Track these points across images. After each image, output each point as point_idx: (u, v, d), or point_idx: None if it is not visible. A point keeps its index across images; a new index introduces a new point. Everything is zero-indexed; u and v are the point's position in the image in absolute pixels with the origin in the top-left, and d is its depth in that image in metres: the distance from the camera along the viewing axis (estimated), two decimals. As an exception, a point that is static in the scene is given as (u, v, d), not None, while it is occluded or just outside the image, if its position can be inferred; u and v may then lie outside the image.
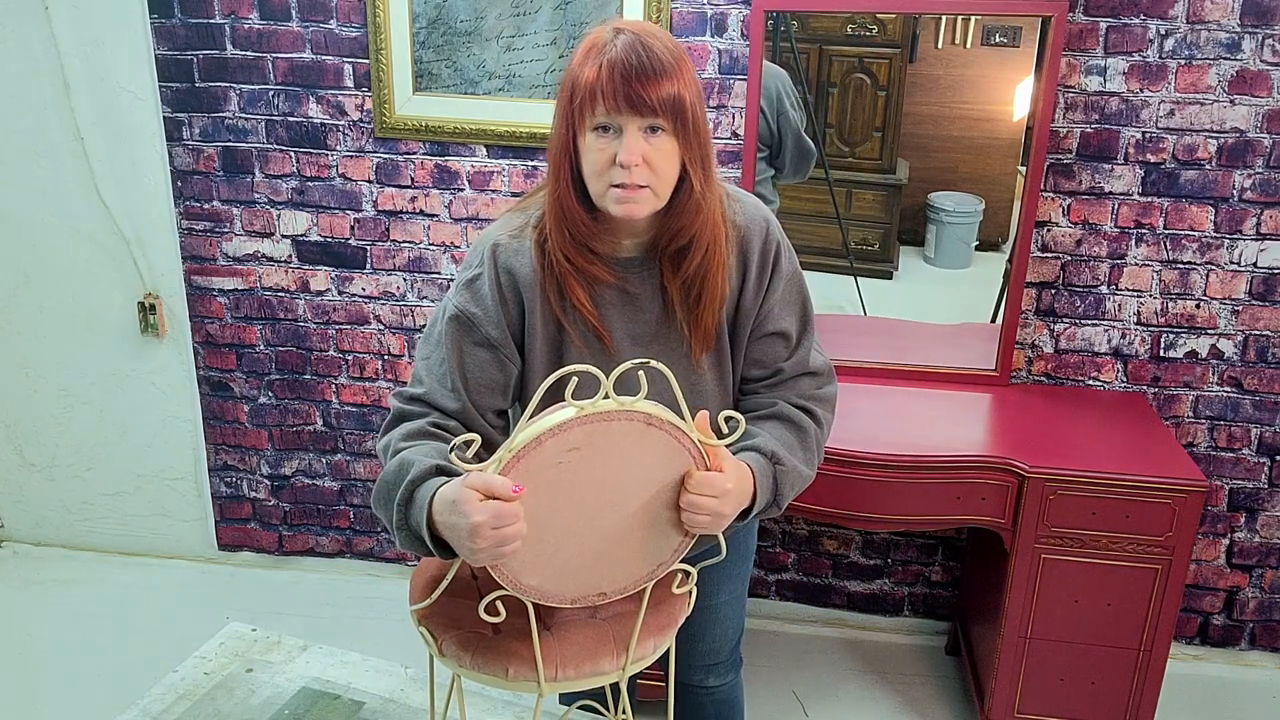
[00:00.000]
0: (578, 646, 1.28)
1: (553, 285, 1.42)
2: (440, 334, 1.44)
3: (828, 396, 1.56)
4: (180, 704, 1.64)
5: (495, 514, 1.13)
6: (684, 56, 1.35)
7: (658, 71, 1.30)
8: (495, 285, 1.42)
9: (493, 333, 1.42)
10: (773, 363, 1.51)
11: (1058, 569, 2.26)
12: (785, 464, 1.42)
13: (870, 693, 2.73)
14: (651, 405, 1.17)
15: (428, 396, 1.43)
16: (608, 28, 1.35)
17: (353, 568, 3.17)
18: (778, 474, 1.41)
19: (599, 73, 1.29)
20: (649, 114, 1.30)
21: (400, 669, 1.75)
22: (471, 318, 1.43)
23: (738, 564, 1.76)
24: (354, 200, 2.80)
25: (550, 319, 1.44)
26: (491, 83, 2.62)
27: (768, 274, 1.48)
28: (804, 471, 1.46)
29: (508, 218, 1.50)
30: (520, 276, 1.42)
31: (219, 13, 2.67)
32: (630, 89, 1.29)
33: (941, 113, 2.56)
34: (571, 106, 1.33)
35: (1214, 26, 2.37)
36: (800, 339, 1.53)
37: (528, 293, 1.42)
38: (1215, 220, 2.50)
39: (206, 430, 3.09)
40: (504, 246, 1.44)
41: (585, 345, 1.44)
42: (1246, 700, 2.72)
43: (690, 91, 1.34)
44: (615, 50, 1.30)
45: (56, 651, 2.79)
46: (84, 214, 2.89)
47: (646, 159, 1.32)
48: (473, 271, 1.45)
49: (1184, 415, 2.66)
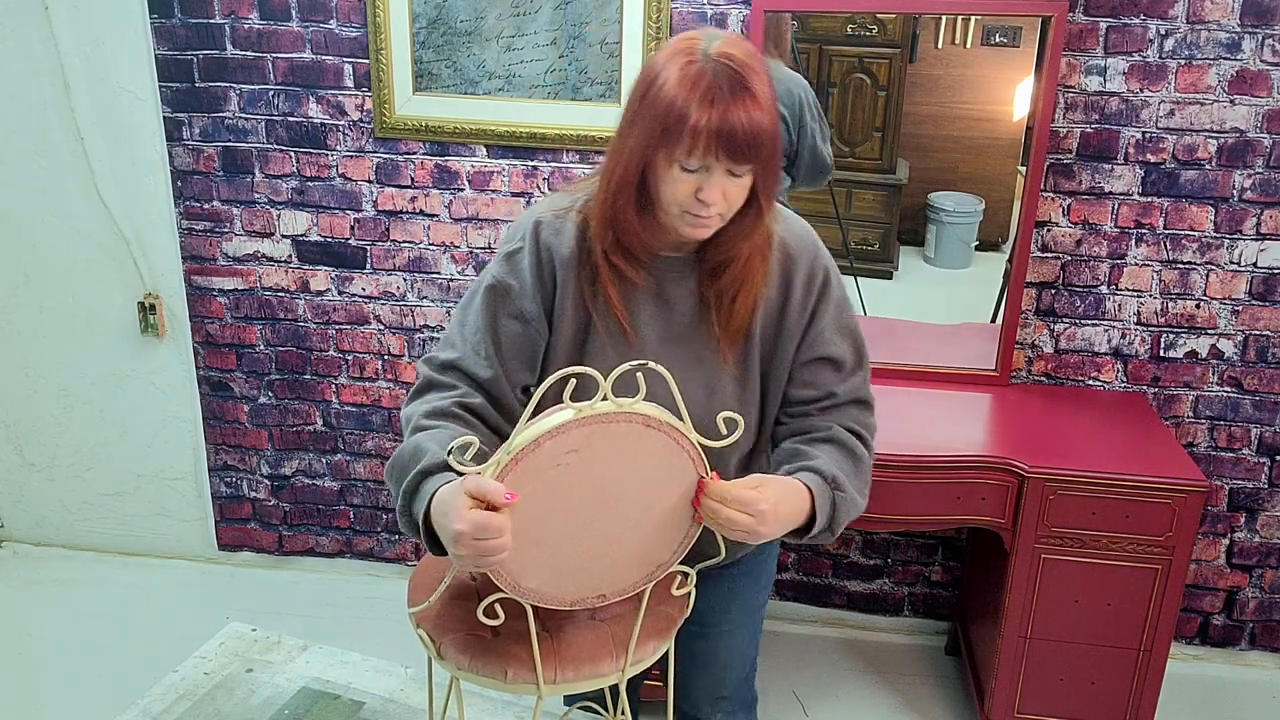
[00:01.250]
0: (577, 648, 1.28)
1: (587, 276, 1.41)
2: (478, 303, 1.45)
3: (873, 427, 1.53)
4: (180, 704, 1.64)
5: (476, 525, 1.13)
6: (774, 94, 1.32)
7: (760, 125, 1.27)
8: (534, 260, 1.42)
9: (528, 306, 1.42)
10: (825, 386, 1.49)
11: (1058, 569, 2.26)
12: (845, 490, 1.40)
13: (870, 693, 2.73)
14: (650, 407, 1.17)
15: (460, 363, 1.43)
16: (702, 46, 1.29)
17: (353, 568, 3.17)
18: (836, 500, 1.38)
19: (706, 121, 1.25)
20: (744, 162, 1.29)
21: (400, 669, 1.75)
22: (509, 289, 1.43)
23: (747, 589, 1.72)
24: (354, 200, 2.80)
25: (580, 305, 1.43)
26: (491, 83, 2.62)
27: (813, 297, 1.46)
28: (858, 501, 1.44)
29: (555, 197, 1.50)
30: (558, 256, 1.42)
31: (219, 13, 2.67)
32: (735, 145, 1.26)
33: (941, 113, 2.56)
34: (661, 132, 1.28)
35: (1214, 26, 2.37)
36: (855, 366, 1.51)
37: (562, 272, 1.42)
38: (1215, 220, 2.50)
39: (206, 430, 3.09)
40: (547, 224, 1.44)
41: (609, 339, 1.43)
42: (1246, 700, 2.72)
43: (777, 134, 1.32)
44: (723, 97, 1.25)
45: (56, 651, 2.79)
46: (84, 214, 2.89)
47: (725, 193, 1.31)
48: (514, 245, 1.45)
49: (1184, 415, 2.66)
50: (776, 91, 1.33)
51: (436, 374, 1.44)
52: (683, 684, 1.77)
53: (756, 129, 1.26)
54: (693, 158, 1.27)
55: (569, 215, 1.44)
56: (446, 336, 1.47)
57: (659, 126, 1.27)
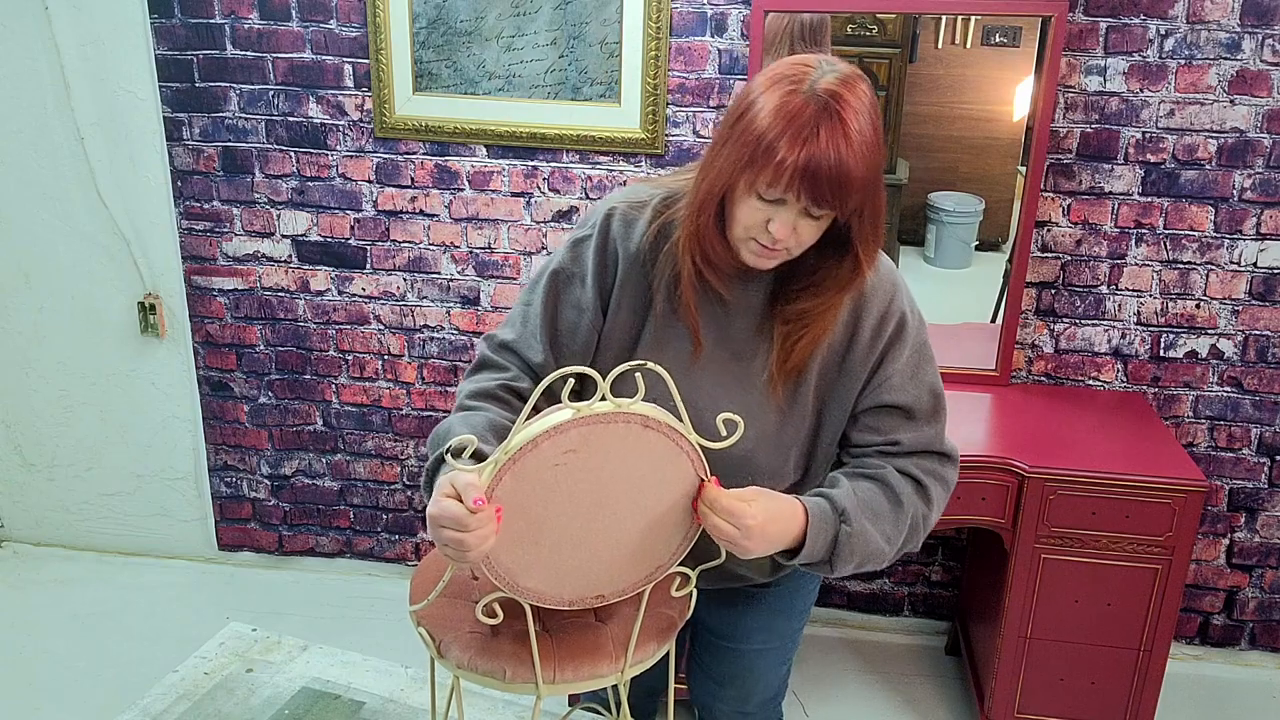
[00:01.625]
0: (577, 648, 1.28)
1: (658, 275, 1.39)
2: (541, 287, 1.45)
3: (948, 479, 1.46)
4: (180, 704, 1.64)
5: (442, 512, 1.13)
6: (878, 142, 1.25)
7: (848, 172, 1.21)
8: (599, 250, 1.41)
9: (587, 297, 1.42)
10: (889, 432, 1.43)
11: (1058, 569, 2.26)
12: (853, 526, 1.34)
13: (870, 693, 2.73)
14: (649, 407, 1.17)
15: (516, 344, 1.44)
16: (812, 77, 1.23)
17: (353, 568, 3.17)
18: (841, 534, 1.33)
19: (793, 159, 1.20)
20: (823, 206, 1.24)
21: (400, 669, 1.75)
22: (571, 277, 1.43)
23: (783, 612, 1.67)
24: (354, 200, 2.80)
25: (639, 302, 1.41)
26: (491, 83, 2.62)
27: (883, 341, 1.40)
28: (878, 544, 1.37)
29: (635, 188, 1.46)
30: (624, 249, 1.40)
31: (219, 13, 2.67)
32: (817, 187, 1.21)
33: (941, 113, 2.56)
34: (747, 160, 1.23)
35: (1214, 26, 2.37)
36: (929, 417, 1.44)
37: (625, 266, 1.40)
38: (1215, 220, 2.50)
39: (206, 430, 3.09)
40: (619, 215, 1.42)
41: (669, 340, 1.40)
42: (1246, 700, 2.72)
43: (870, 182, 1.25)
44: (815, 137, 1.20)
45: (56, 651, 2.79)
46: (84, 214, 2.89)
47: (796, 230, 1.28)
48: (583, 232, 1.44)
49: (1184, 415, 2.66)
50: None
51: (492, 353, 1.45)
52: (709, 698, 1.77)
53: (844, 174, 1.21)
54: (772, 190, 1.23)
55: (644, 210, 1.41)
56: (510, 316, 1.48)
57: (746, 154, 1.23)
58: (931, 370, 1.45)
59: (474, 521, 1.12)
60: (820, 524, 1.32)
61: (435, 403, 2.95)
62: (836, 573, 1.37)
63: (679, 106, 2.59)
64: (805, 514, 1.32)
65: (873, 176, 1.25)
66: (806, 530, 1.31)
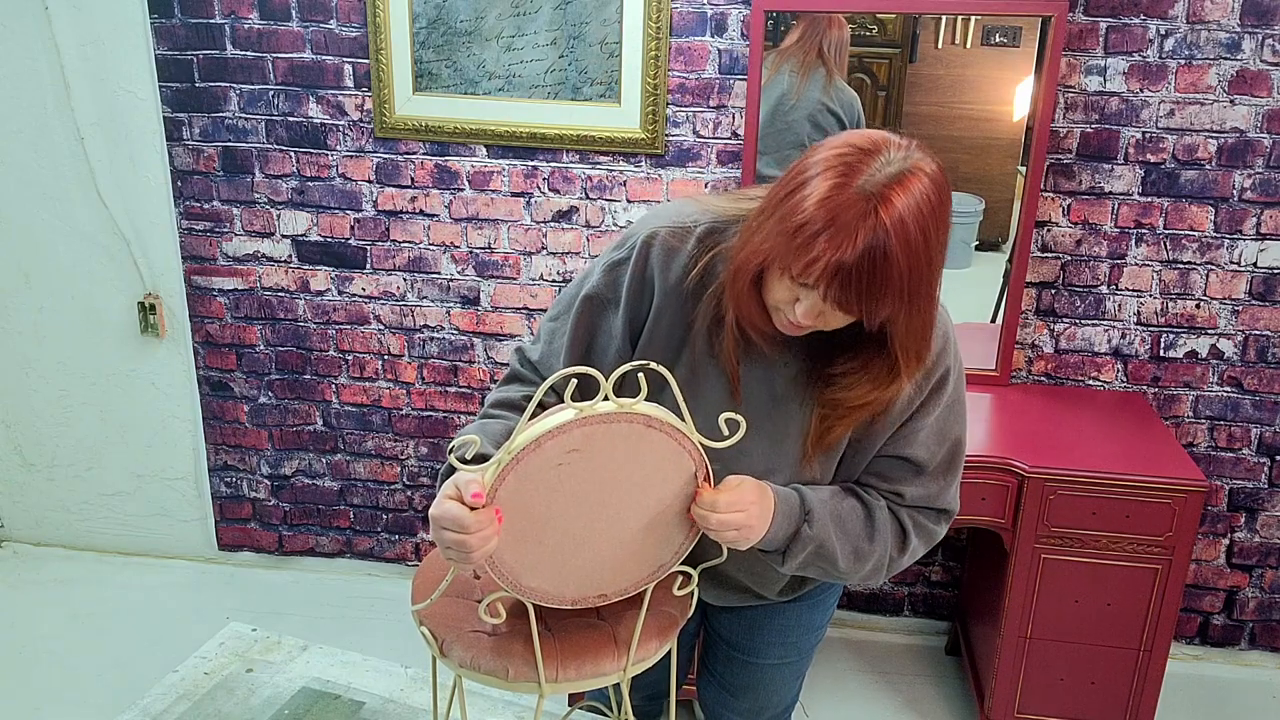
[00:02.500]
0: (579, 647, 1.28)
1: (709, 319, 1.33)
2: (574, 309, 1.40)
3: (931, 534, 1.43)
4: (180, 704, 1.64)
5: (443, 514, 1.12)
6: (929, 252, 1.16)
7: (881, 293, 1.14)
8: (635, 278, 1.36)
9: (617, 325, 1.38)
10: (895, 482, 1.38)
11: (1058, 569, 2.26)
12: (814, 530, 1.32)
13: (870, 693, 2.73)
14: (651, 407, 1.17)
15: (540, 364, 1.42)
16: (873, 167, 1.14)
17: (353, 568, 3.17)
18: (801, 531, 1.32)
19: (823, 263, 1.12)
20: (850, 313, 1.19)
21: (401, 669, 1.75)
22: (605, 303, 1.38)
23: (798, 628, 1.65)
24: (354, 200, 2.80)
25: (675, 336, 1.36)
26: (491, 83, 2.62)
27: (923, 395, 1.34)
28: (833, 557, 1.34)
29: (681, 208, 1.38)
30: (661, 280, 1.34)
31: (219, 13, 2.67)
32: (844, 295, 1.15)
33: (941, 113, 2.56)
34: (783, 249, 1.16)
35: (1214, 26, 2.37)
36: (940, 473, 1.39)
37: (660, 299, 1.35)
38: (1215, 220, 2.50)
39: (206, 430, 3.09)
40: (659, 242, 1.34)
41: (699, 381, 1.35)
42: (1246, 700, 2.72)
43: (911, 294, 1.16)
44: (853, 247, 1.11)
45: (56, 651, 2.79)
46: (84, 214, 2.89)
47: (823, 316, 1.21)
48: (621, 254, 1.38)
49: (1184, 415, 2.66)
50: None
51: (520, 368, 1.45)
52: (720, 708, 1.76)
53: (875, 287, 1.13)
54: (798, 282, 1.18)
55: (687, 239, 1.34)
56: (541, 329, 1.45)
57: (784, 239, 1.16)
58: (959, 424, 1.40)
59: (474, 523, 1.12)
60: (784, 513, 1.31)
61: (435, 403, 2.95)
62: (786, 566, 1.36)
63: (679, 106, 2.59)
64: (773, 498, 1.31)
65: (915, 288, 1.16)
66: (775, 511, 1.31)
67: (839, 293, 1.15)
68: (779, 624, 1.64)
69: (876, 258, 1.12)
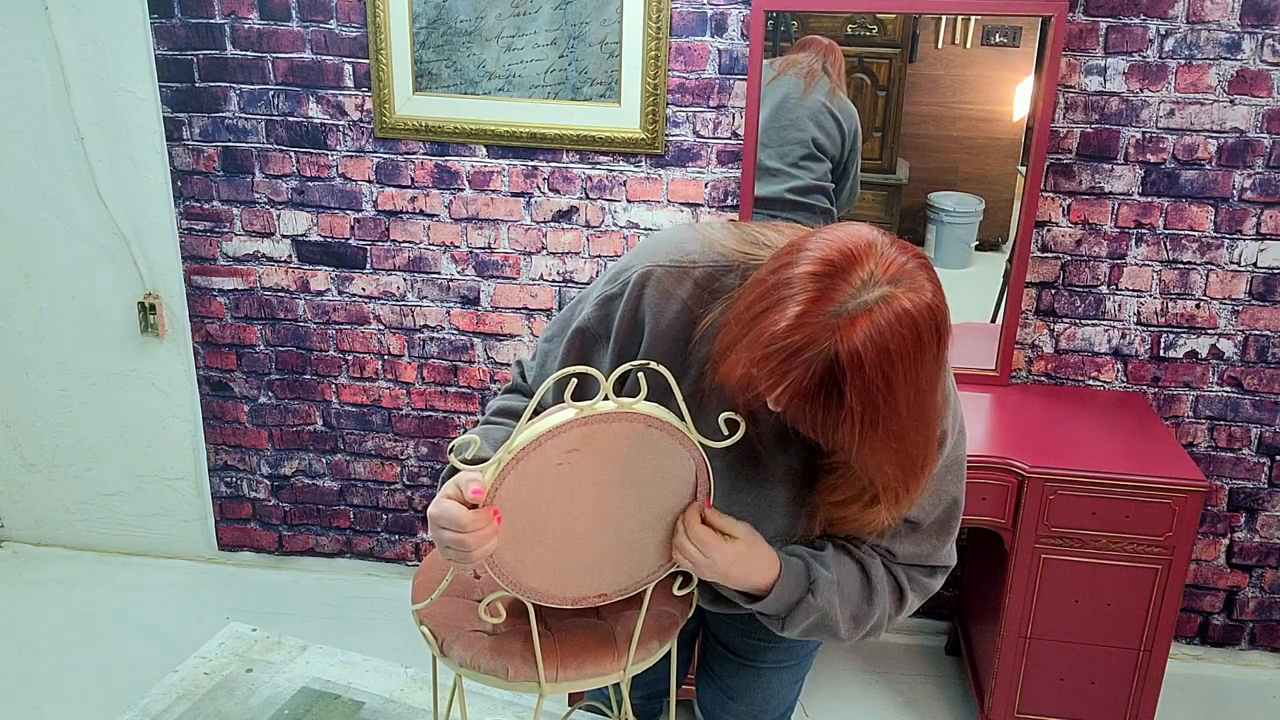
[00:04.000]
0: (579, 647, 1.28)
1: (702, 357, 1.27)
2: (566, 339, 1.38)
3: (927, 588, 1.40)
4: (180, 704, 1.64)
5: (440, 512, 1.13)
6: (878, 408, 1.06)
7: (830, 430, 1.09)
8: (627, 319, 1.32)
9: (605, 361, 1.35)
10: (889, 540, 1.34)
11: (1058, 569, 2.27)
12: (818, 600, 1.30)
13: (870, 693, 2.73)
14: (651, 407, 1.17)
15: (535, 385, 1.44)
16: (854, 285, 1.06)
17: (353, 568, 3.17)
18: (804, 601, 1.30)
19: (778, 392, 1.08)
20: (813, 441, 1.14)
21: (400, 669, 1.75)
22: (596, 338, 1.36)
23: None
24: (354, 200, 2.80)
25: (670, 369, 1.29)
26: (491, 83, 2.62)
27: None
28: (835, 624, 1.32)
29: (682, 240, 1.32)
30: (653, 326, 1.30)
31: (219, 13, 2.67)
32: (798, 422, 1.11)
33: (941, 113, 2.56)
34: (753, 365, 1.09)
35: (1214, 26, 2.37)
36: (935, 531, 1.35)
37: (649, 341, 1.31)
38: (1215, 220, 2.50)
39: (206, 430, 3.09)
40: (654, 285, 1.29)
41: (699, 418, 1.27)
42: (1246, 700, 2.72)
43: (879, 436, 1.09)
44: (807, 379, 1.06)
45: (56, 651, 2.79)
46: (84, 214, 2.89)
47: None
48: (614, 289, 1.33)
49: (1184, 415, 2.66)
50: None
51: (520, 381, 1.47)
52: (718, 709, 1.75)
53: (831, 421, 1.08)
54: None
55: (684, 282, 1.28)
56: (537, 348, 1.45)
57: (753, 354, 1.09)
58: (957, 485, 1.35)
59: (472, 523, 1.12)
60: (789, 583, 1.29)
61: (435, 403, 2.95)
62: (785, 632, 1.33)
63: (679, 106, 2.59)
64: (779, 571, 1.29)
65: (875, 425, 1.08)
66: (775, 585, 1.29)
67: (794, 418, 1.11)
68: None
69: (830, 392, 1.06)
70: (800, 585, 1.30)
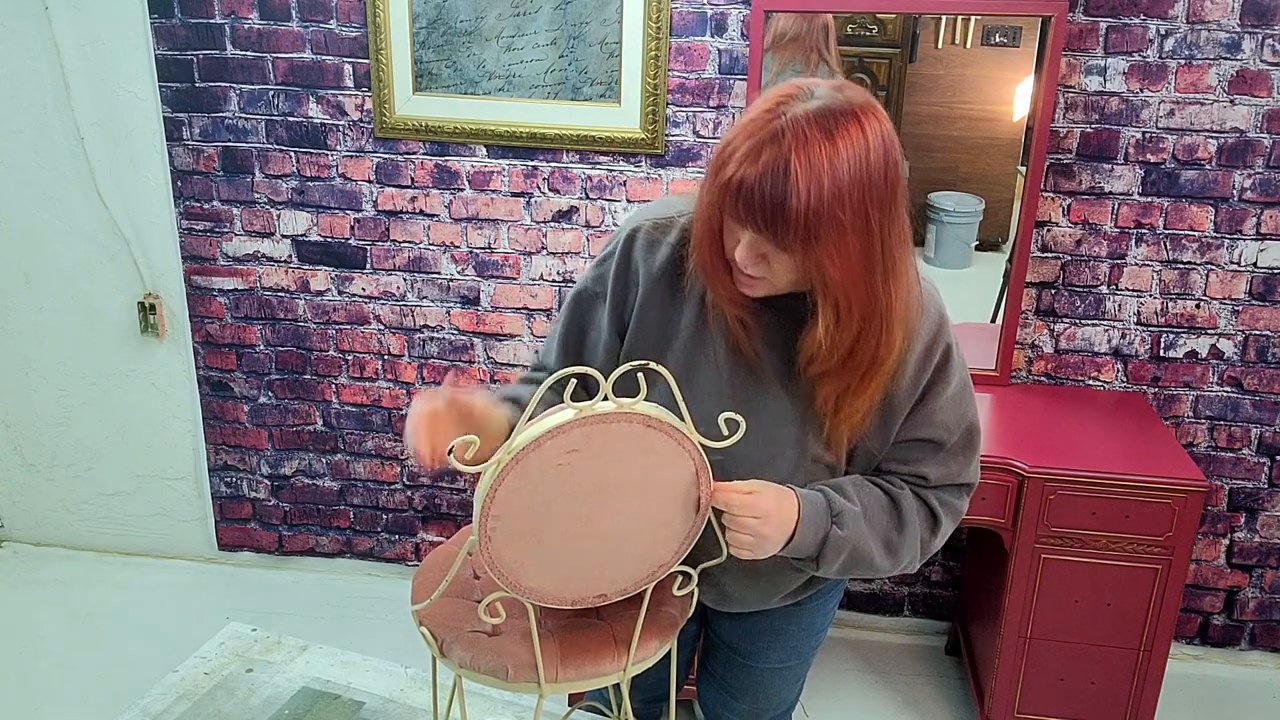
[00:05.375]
0: (578, 647, 1.28)
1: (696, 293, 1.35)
2: (566, 308, 1.48)
3: (957, 510, 1.43)
4: (180, 704, 1.64)
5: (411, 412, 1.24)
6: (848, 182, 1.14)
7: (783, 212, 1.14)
8: (620, 273, 1.40)
9: (604, 319, 1.43)
10: (917, 465, 1.39)
11: (1058, 569, 2.27)
12: (845, 530, 1.32)
13: (870, 693, 2.73)
14: (651, 407, 1.17)
15: (542, 361, 1.51)
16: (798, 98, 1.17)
17: (353, 568, 3.17)
18: (830, 535, 1.32)
19: (730, 177, 1.16)
20: (761, 235, 1.18)
21: (400, 669, 1.75)
22: (593, 298, 1.44)
23: (795, 635, 1.65)
24: (354, 200, 2.80)
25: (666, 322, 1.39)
26: (491, 83, 2.62)
27: (928, 374, 1.34)
28: (869, 553, 1.35)
29: (666, 203, 1.43)
30: (645, 271, 1.38)
31: (219, 13, 2.67)
32: (750, 214, 1.17)
33: (941, 113, 2.56)
34: (712, 182, 1.21)
35: (1214, 26, 2.37)
36: (960, 449, 1.40)
37: (646, 287, 1.38)
38: (1215, 220, 2.50)
39: (206, 430, 3.09)
40: (642, 235, 1.39)
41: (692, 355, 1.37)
42: (1246, 700, 2.72)
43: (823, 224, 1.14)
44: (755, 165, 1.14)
45: (56, 651, 2.79)
46: (84, 214, 2.89)
47: (768, 260, 1.22)
48: (607, 250, 1.44)
49: (1184, 415, 2.66)
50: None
51: (530, 374, 1.53)
52: (720, 708, 1.76)
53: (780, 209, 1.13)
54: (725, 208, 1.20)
55: (670, 231, 1.38)
56: (547, 338, 1.53)
57: (713, 173, 1.20)
58: (971, 404, 1.41)
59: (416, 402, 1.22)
60: (811, 520, 1.31)
61: (435, 403, 2.95)
62: (821, 571, 1.36)
63: (679, 106, 2.59)
64: (797, 500, 1.31)
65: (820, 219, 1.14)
66: (797, 523, 1.31)
67: (746, 214, 1.17)
68: (779, 628, 1.64)
69: (778, 175, 1.13)
70: (823, 519, 1.32)
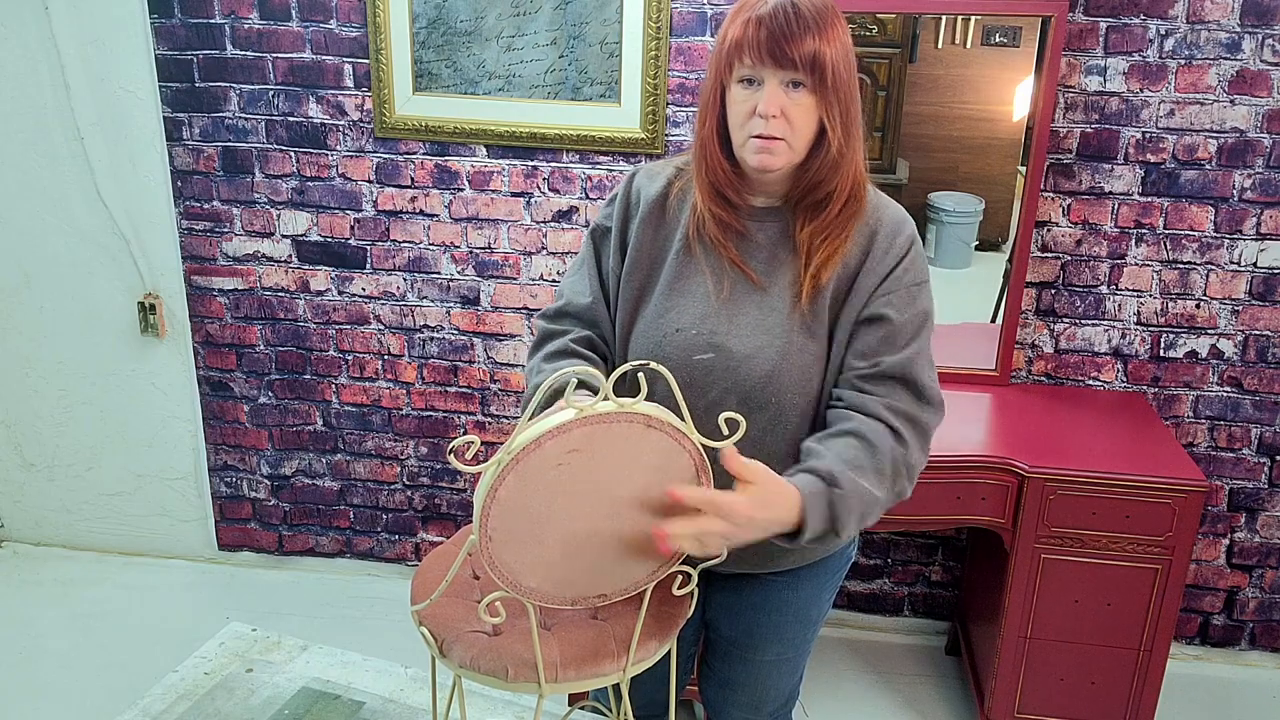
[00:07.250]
0: (578, 647, 1.28)
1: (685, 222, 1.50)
2: (582, 247, 1.62)
3: (924, 422, 1.45)
4: (180, 704, 1.64)
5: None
6: (833, 18, 1.38)
7: (802, 29, 1.34)
8: (623, 203, 1.56)
9: (612, 245, 1.56)
10: (872, 353, 1.44)
11: (1058, 569, 2.26)
12: (844, 486, 1.33)
13: (870, 693, 2.73)
14: (651, 407, 1.17)
15: (566, 304, 1.58)
16: None
17: (353, 568, 3.17)
18: (834, 498, 1.32)
19: (746, 29, 1.36)
20: (789, 68, 1.34)
21: (400, 669, 1.75)
22: (605, 231, 1.58)
23: (792, 625, 1.66)
24: (354, 200, 2.80)
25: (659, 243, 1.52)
26: (491, 83, 2.62)
27: (890, 258, 1.44)
28: (872, 493, 1.37)
29: (669, 158, 1.63)
30: (645, 194, 1.53)
31: (219, 13, 2.67)
32: (774, 43, 1.34)
33: (941, 113, 2.56)
34: (720, 58, 1.39)
35: (1214, 26, 2.37)
36: (908, 340, 1.45)
37: (645, 207, 1.53)
38: (1215, 220, 2.50)
39: (206, 430, 3.09)
40: (643, 172, 1.58)
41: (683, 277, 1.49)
42: (1246, 700, 2.72)
43: (834, 50, 1.36)
44: (765, 7, 1.36)
45: (56, 651, 2.79)
46: (84, 214, 2.89)
47: (785, 112, 1.36)
48: (613, 193, 1.59)
49: (1184, 415, 2.66)
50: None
51: (549, 323, 1.58)
52: (721, 702, 1.76)
53: (796, 31, 1.33)
54: (743, 66, 1.36)
55: (669, 165, 1.57)
56: (557, 289, 1.62)
57: (718, 53, 1.39)
58: (928, 301, 1.50)
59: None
60: (815, 498, 1.31)
61: (435, 403, 2.95)
62: (844, 537, 1.37)
63: (679, 106, 2.59)
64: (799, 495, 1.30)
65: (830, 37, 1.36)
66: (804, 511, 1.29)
67: (773, 48, 1.34)
68: (775, 620, 1.65)
69: (795, 18, 1.34)
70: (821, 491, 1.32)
